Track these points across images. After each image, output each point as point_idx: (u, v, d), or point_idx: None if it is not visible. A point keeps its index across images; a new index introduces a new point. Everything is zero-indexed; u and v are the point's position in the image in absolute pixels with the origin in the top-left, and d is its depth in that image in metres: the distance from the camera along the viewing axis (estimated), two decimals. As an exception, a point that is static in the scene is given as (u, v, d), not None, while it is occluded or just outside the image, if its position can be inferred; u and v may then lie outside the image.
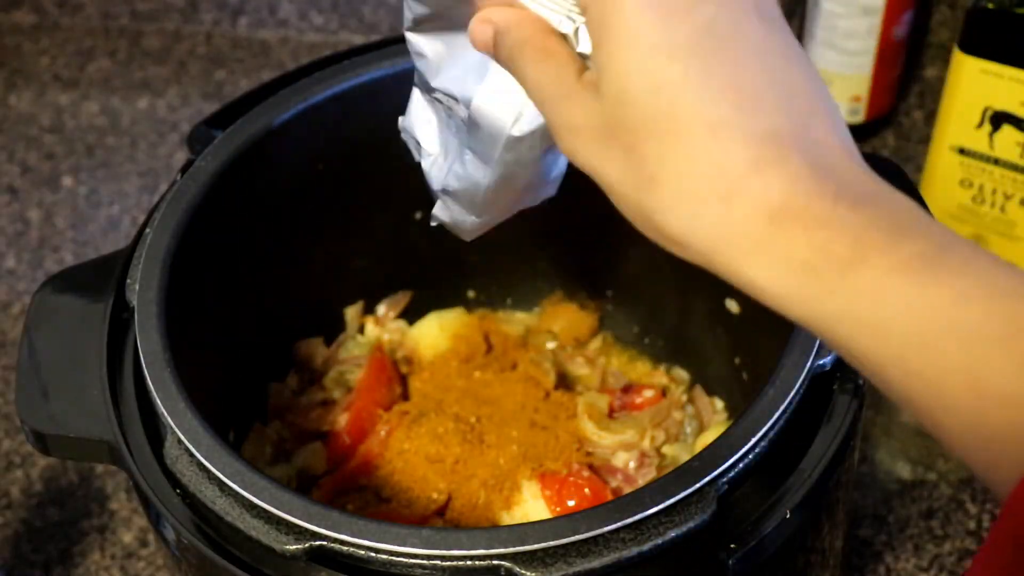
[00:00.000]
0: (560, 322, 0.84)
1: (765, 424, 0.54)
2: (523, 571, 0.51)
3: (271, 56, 1.13)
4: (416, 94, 0.55)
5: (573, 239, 0.80)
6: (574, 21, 0.44)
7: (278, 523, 0.54)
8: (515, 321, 0.84)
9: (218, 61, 1.13)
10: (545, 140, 0.48)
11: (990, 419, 0.36)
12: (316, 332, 0.80)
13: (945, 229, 0.39)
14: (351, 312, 0.81)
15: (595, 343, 0.83)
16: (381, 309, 0.82)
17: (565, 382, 0.80)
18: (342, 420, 0.76)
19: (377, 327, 0.82)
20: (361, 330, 0.82)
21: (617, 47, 0.40)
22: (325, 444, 0.76)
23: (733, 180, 0.39)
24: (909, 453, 0.83)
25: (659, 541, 0.52)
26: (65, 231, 1.01)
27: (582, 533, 0.52)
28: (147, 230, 0.65)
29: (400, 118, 0.56)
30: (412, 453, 0.73)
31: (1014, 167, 0.83)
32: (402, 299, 0.82)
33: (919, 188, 0.83)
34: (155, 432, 0.59)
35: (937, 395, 0.37)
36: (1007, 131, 0.81)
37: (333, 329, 0.81)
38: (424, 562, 0.52)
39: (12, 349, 0.92)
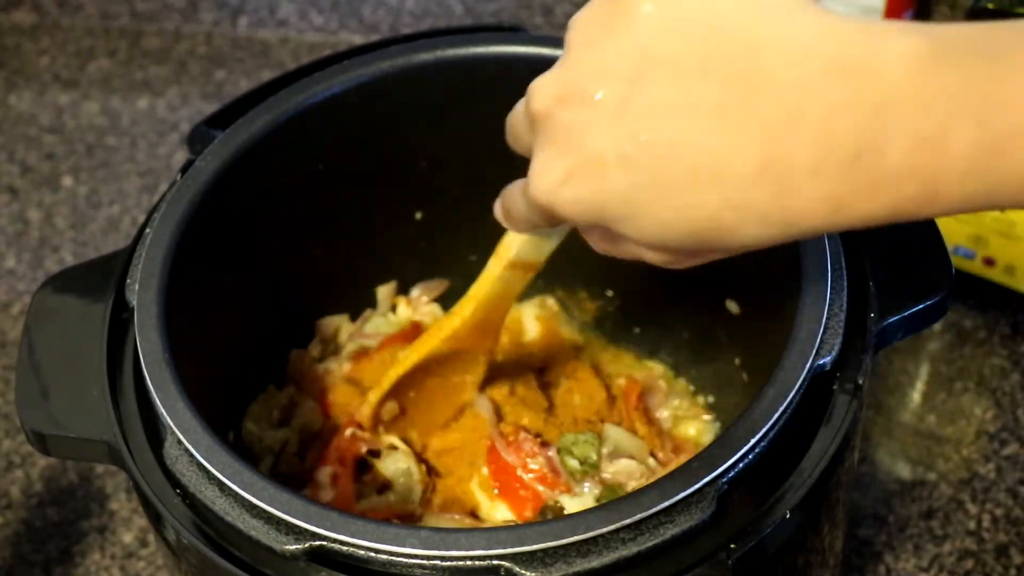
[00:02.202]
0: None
1: (765, 424, 0.54)
2: (523, 571, 0.51)
3: (271, 56, 1.13)
4: None
5: (572, 239, 0.80)
6: None
7: (278, 523, 0.54)
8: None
9: (218, 61, 1.13)
10: None
11: None
12: (314, 333, 0.80)
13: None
14: (383, 291, 0.81)
15: None
16: (415, 292, 0.82)
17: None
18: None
19: (409, 308, 0.82)
20: (393, 310, 0.82)
21: None
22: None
23: None
24: (909, 453, 0.83)
25: (659, 541, 0.52)
26: (65, 231, 1.01)
27: (582, 533, 0.52)
28: (147, 230, 0.65)
29: None
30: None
31: (1014, 167, 0.83)
32: (438, 286, 0.82)
33: (919, 188, 0.83)
34: (155, 432, 0.59)
35: None
36: (1007, 131, 0.81)
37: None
38: (424, 562, 0.52)
39: (12, 349, 0.92)
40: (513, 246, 0.64)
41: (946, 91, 0.39)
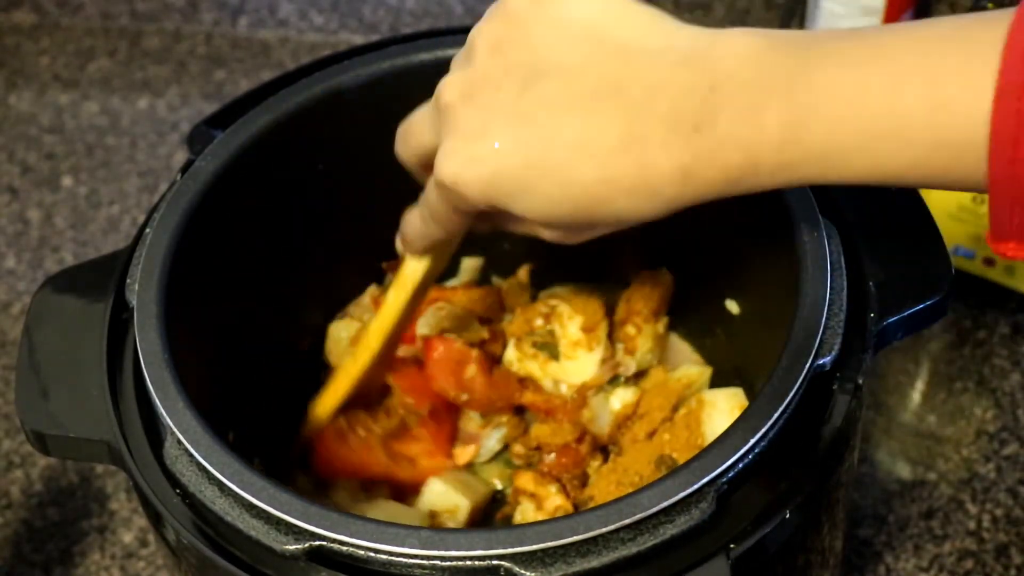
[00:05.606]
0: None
1: (765, 424, 0.54)
2: (523, 571, 0.51)
3: (271, 56, 1.13)
4: None
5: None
6: None
7: (277, 523, 0.54)
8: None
9: (218, 61, 1.13)
10: None
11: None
12: (316, 332, 0.80)
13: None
14: (468, 263, 0.82)
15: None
16: None
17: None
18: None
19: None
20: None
21: None
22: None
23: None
24: (909, 453, 0.84)
25: (659, 541, 0.52)
26: (65, 231, 1.01)
27: (582, 533, 0.52)
28: (147, 230, 0.65)
29: None
30: None
31: (1014, 167, 0.83)
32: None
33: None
34: (155, 432, 0.59)
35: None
36: (1007, 131, 0.81)
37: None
38: (423, 562, 0.52)
39: (12, 349, 0.92)
40: (416, 272, 0.67)
41: (765, 75, 0.47)
